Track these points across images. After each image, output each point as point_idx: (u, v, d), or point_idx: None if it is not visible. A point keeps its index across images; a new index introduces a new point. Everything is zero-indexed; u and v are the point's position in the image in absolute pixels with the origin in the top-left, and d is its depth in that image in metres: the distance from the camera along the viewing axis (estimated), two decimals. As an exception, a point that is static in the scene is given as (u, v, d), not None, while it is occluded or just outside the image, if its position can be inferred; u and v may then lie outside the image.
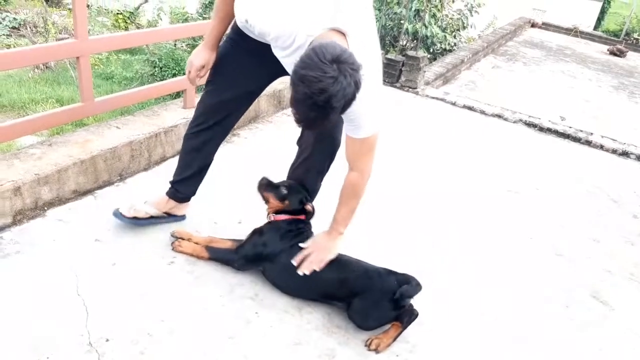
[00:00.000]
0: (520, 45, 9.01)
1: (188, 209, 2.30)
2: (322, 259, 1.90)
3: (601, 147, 4.39)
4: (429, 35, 7.70)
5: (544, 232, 2.82)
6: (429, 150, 3.70)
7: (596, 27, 14.51)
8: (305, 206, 2.06)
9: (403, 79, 5.03)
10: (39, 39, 8.68)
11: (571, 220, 3.03)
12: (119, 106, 2.95)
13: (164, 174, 2.66)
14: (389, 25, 7.87)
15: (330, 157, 2.12)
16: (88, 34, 2.42)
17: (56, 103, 6.68)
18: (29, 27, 9.08)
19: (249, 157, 3.00)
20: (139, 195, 2.41)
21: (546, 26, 11.27)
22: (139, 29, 10.39)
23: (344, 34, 1.56)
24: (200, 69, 2.00)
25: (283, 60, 1.75)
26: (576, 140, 4.48)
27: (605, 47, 10.15)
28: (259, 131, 3.42)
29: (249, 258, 2.03)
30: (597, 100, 6.30)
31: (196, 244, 2.10)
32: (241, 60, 1.97)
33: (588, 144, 4.43)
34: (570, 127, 4.66)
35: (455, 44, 8.53)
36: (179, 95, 4.62)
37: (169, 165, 2.76)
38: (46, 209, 2.24)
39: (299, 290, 1.99)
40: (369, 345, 1.83)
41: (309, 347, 1.80)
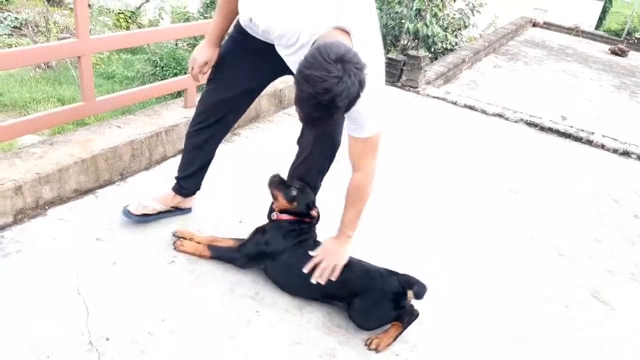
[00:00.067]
0: (522, 44, 9.00)
1: (194, 201, 2.35)
2: (335, 265, 1.87)
3: (602, 147, 4.39)
4: (430, 34, 7.70)
5: (544, 232, 2.82)
6: (430, 149, 3.70)
7: (598, 27, 14.48)
8: (311, 211, 2.06)
9: (404, 78, 5.03)
10: (40, 38, 8.69)
11: (572, 220, 3.03)
12: (120, 105, 2.95)
13: (165, 173, 2.67)
14: (390, 24, 7.87)
15: (330, 157, 2.12)
16: (89, 33, 2.42)
17: (57, 102, 6.69)
18: (31, 27, 9.09)
19: (249, 157, 3.00)
20: (141, 195, 2.42)
21: (547, 26, 11.26)
22: (140, 28, 10.39)
23: (348, 32, 1.56)
24: (203, 65, 2.02)
25: (287, 58, 1.75)
26: (577, 139, 4.47)
27: (606, 47, 10.15)
28: (259, 131, 3.42)
29: (251, 256, 2.03)
30: (599, 100, 6.29)
31: (198, 244, 2.11)
32: (243, 59, 1.98)
33: (589, 143, 4.43)
34: (572, 127, 4.66)
35: (457, 44, 8.52)
36: (179, 94, 4.61)
37: (170, 165, 2.77)
38: (47, 208, 2.24)
39: (300, 289, 1.99)
40: (369, 345, 1.84)
41: (310, 347, 1.81)
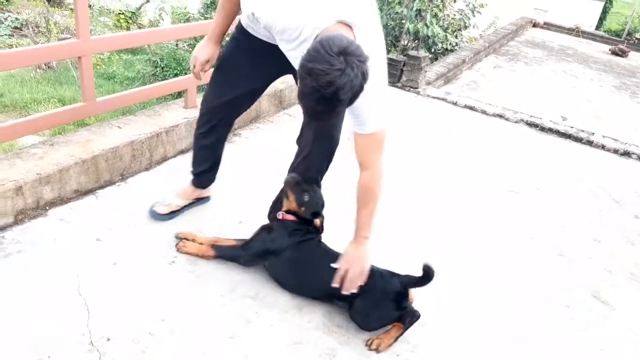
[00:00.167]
0: (522, 45, 9.00)
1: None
2: (361, 271, 1.83)
3: (603, 147, 4.39)
4: (430, 35, 7.69)
5: (544, 232, 2.82)
6: (430, 150, 3.70)
7: (598, 27, 14.48)
8: (315, 220, 2.05)
9: (404, 78, 5.03)
10: (41, 39, 8.70)
11: (572, 220, 3.03)
12: (120, 106, 2.95)
13: (165, 174, 2.68)
14: (391, 25, 7.87)
15: (329, 157, 2.12)
16: (90, 33, 2.43)
17: (58, 103, 6.70)
18: (31, 27, 9.10)
19: (250, 157, 3.00)
20: (140, 196, 2.43)
21: (548, 26, 11.27)
22: (140, 29, 10.41)
23: (350, 26, 1.56)
24: (205, 63, 2.03)
25: (288, 53, 1.74)
26: (578, 140, 4.47)
27: (607, 47, 10.15)
28: (260, 131, 3.42)
29: (257, 254, 2.03)
30: (599, 100, 6.29)
31: (200, 244, 2.11)
32: (245, 59, 1.99)
33: (589, 144, 4.43)
34: (572, 127, 4.65)
35: (457, 44, 8.52)
36: (180, 95, 4.60)
37: (170, 165, 2.77)
38: (48, 208, 2.24)
39: (301, 288, 2.00)
40: (369, 345, 1.84)
41: (310, 347, 1.81)
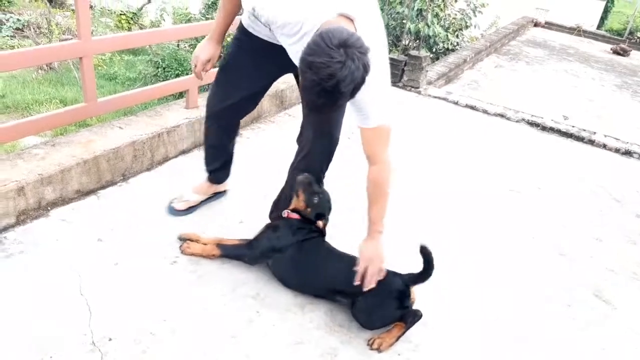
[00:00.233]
0: (523, 44, 8.99)
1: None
2: (379, 267, 1.83)
3: (604, 147, 4.38)
4: (431, 34, 7.68)
5: (546, 232, 2.82)
6: (431, 149, 3.70)
7: (599, 26, 14.46)
8: (318, 221, 2.07)
9: (405, 78, 5.03)
10: (42, 39, 8.72)
11: (573, 219, 3.02)
12: (122, 106, 2.95)
13: (167, 174, 2.68)
14: (392, 24, 7.86)
15: (328, 156, 2.13)
16: (91, 34, 2.43)
17: (60, 103, 6.71)
18: (33, 28, 9.11)
19: (251, 157, 3.00)
20: (142, 196, 2.44)
21: (549, 25, 11.24)
22: (141, 29, 10.41)
23: (351, 19, 1.56)
24: (206, 63, 2.03)
25: (289, 48, 1.74)
26: (579, 139, 4.46)
27: (608, 46, 10.12)
28: (261, 131, 3.43)
29: (263, 252, 2.04)
30: (600, 100, 6.28)
31: (204, 245, 2.12)
32: (247, 60, 2.00)
33: (591, 143, 4.42)
34: (573, 127, 4.65)
35: (458, 44, 8.51)
36: (181, 95, 4.62)
37: (171, 165, 2.78)
38: (49, 209, 2.25)
39: (304, 286, 2.01)
40: (371, 345, 1.84)
41: (311, 346, 1.81)
